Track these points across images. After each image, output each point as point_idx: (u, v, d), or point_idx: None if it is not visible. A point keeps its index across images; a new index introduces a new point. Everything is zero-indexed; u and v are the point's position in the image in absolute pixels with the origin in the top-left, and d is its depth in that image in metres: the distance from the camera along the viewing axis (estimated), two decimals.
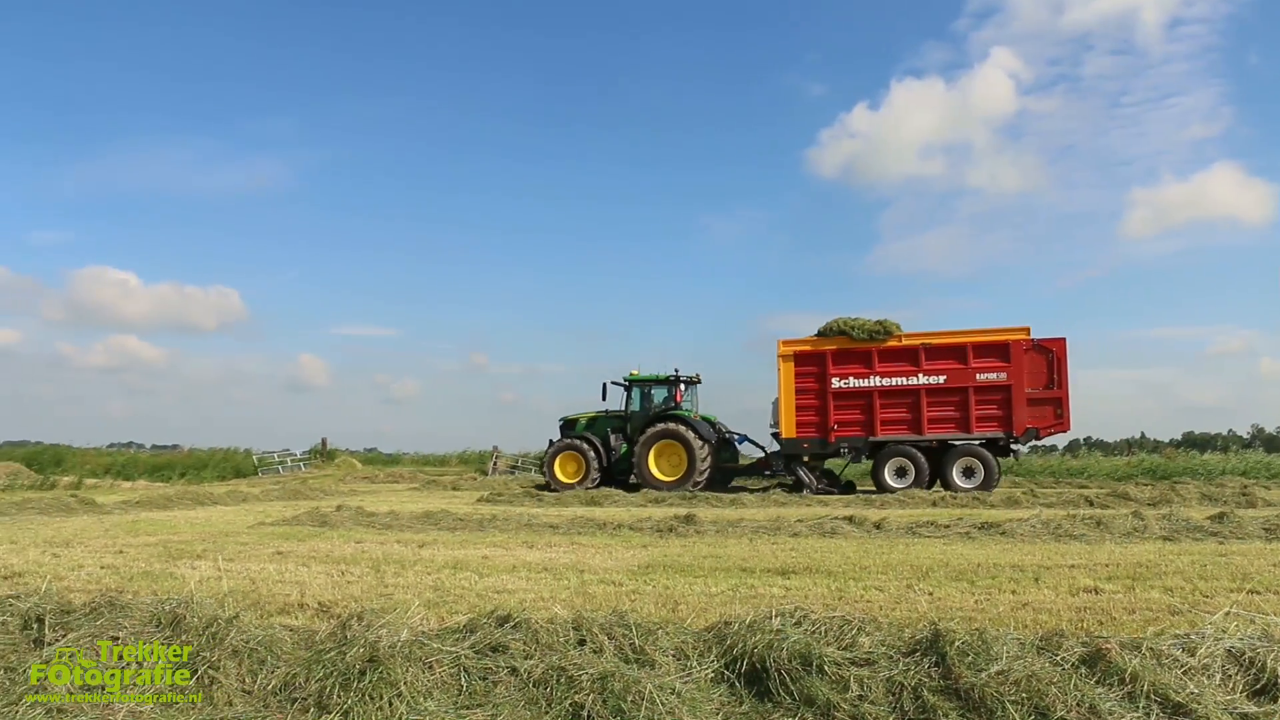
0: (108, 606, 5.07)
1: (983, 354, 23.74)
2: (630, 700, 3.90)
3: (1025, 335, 23.53)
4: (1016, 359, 23.39)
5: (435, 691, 4.10)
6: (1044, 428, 23.52)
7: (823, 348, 24.64)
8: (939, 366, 23.91)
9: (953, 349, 23.88)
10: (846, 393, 24.32)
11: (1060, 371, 23.34)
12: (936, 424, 23.84)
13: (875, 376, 24.19)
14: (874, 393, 24.13)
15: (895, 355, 24.20)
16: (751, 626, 4.58)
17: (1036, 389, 23.40)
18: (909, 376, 24.02)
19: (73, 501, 17.63)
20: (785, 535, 11.74)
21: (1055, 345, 23.46)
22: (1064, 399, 23.24)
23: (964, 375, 23.60)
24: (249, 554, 9.91)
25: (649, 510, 16.49)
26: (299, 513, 15.20)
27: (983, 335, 23.84)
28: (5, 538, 11.73)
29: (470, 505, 18.04)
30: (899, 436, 24.04)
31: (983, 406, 23.62)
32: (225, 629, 4.61)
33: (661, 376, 28.01)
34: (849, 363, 24.45)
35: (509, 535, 11.96)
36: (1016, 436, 23.32)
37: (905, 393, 24.06)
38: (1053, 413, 23.42)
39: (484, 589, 7.52)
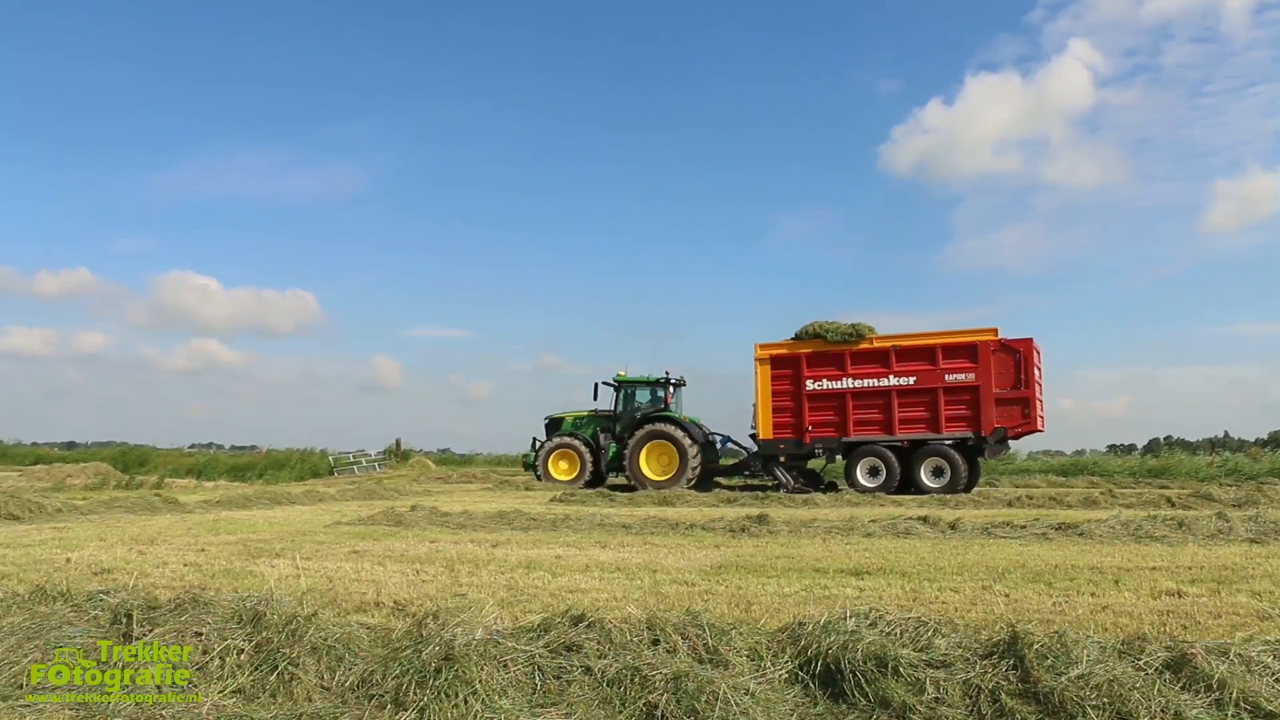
0: (191, 603, 5.18)
1: (951, 355, 24.24)
2: (704, 700, 3.89)
3: (993, 336, 23.95)
4: (984, 360, 23.82)
5: (510, 690, 4.13)
6: (1012, 428, 23.85)
7: (797, 351, 25.34)
8: (909, 368, 24.48)
9: (922, 350, 24.44)
10: (820, 394, 25.07)
11: (1028, 372, 23.74)
12: (907, 424, 24.36)
13: (848, 378, 24.88)
14: (847, 394, 24.82)
15: (867, 357, 24.82)
16: (826, 627, 4.56)
17: (1004, 389, 23.82)
18: (880, 378, 24.65)
19: (157, 501, 18.02)
20: (858, 535, 11.64)
21: (1023, 345, 23.90)
22: (1032, 399, 23.62)
23: (933, 376, 24.14)
24: (326, 553, 10.06)
25: (721, 510, 16.45)
26: (374, 512, 15.39)
27: (951, 337, 24.38)
28: (94, 535, 12.04)
29: (543, 505, 18.14)
30: (871, 437, 24.57)
31: (952, 407, 24.12)
32: (304, 626, 4.69)
33: (651, 379, 28.85)
34: (823, 365, 25.17)
35: (582, 535, 12.00)
36: (985, 437, 23.64)
37: (877, 394, 24.67)
38: (1020, 413, 23.81)
39: (557, 589, 7.56)
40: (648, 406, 28.53)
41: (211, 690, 4.29)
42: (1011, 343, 23.84)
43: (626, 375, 28.86)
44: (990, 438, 23.73)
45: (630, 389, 28.81)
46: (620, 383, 28.90)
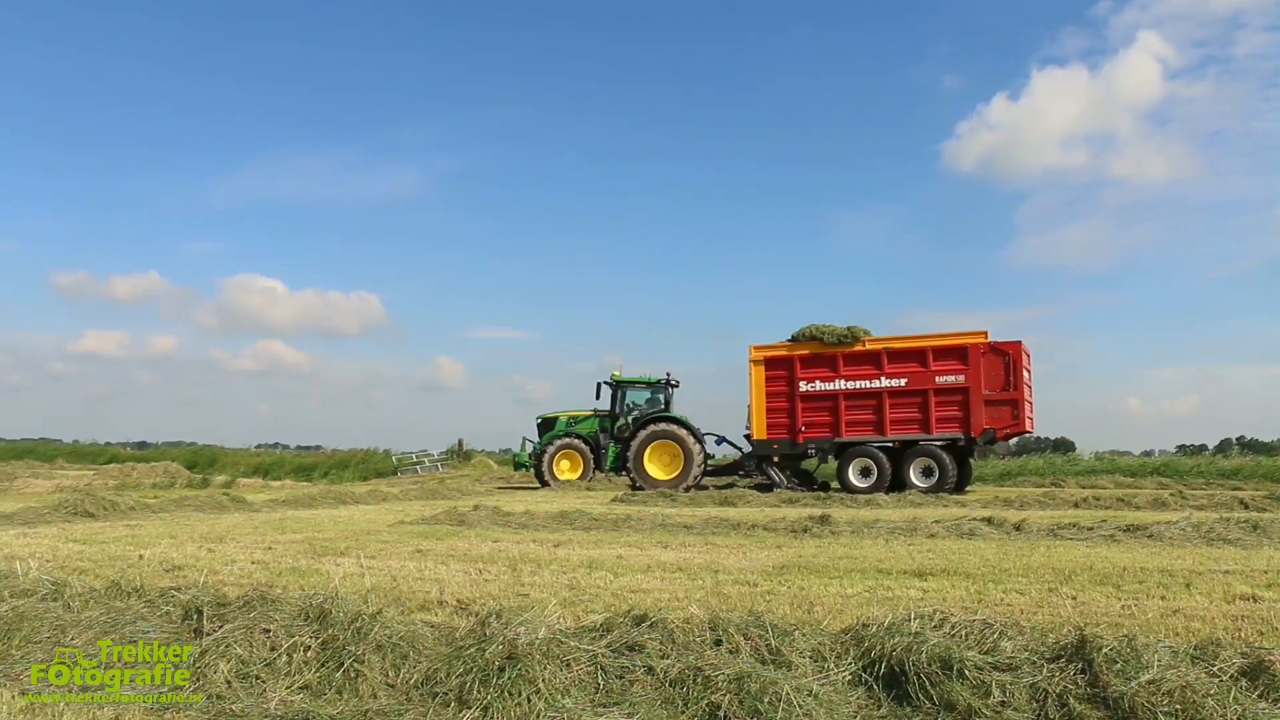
0: (259, 600, 5.28)
1: (942, 357, 24.63)
2: (767, 701, 3.88)
3: (983, 339, 24.37)
4: (974, 362, 24.19)
5: (572, 689, 4.15)
6: (1001, 428, 24.22)
7: (791, 352, 25.73)
8: (901, 369, 24.86)
9: (913, 352, 24.83)
10: (814, 395, 25.50)
11: (1016, 374, 24.12)
12: (898, 425, 24.69)
13: (841, 380, 25.28)
14: (840, 395, 25.19)
15: (860, 359, 25.24)
16: (890, 629, 4.52)
17: (994, 391, 24.18)
18: (872, 380, 25.05)
19: (225, 500, 18.30)
20: (921, 536, 11.53)
21: (1011, 348, 24.30)
22: (1020, 400, 24.02)
23: (924, 378, 24.55)
24: (390, 552, 10.16)
25: (783, 511, 16.38)
26: (437, 512, 15.52)
27: (941, 339, 24.82)
28: (165, 533, 12.27)
29: (605, 505, 18.17)
30: (863, 438, 24.91)
31: (942, 408, 24.47)
32: (369, 624, 4.75)
33: (651, 379, 29.09)
34: (816, 367, 25.58)
35: (643, 535, 12.01)
36: (974, 437, 23.99)
37: (869, 395, 25.06)
38: (1010, 414, 24.18)
39: (619, 588, 7.57)
40: (646, 407, 28.72)
41: (279, 686, 4.36)
42: (1001, 345, 24.22)
43: (621, 375, 29.01)
44: (980, 438, 24.21)
45: (629, 389, 28.97)
46: (618, 383, 28.96)
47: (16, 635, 5.13)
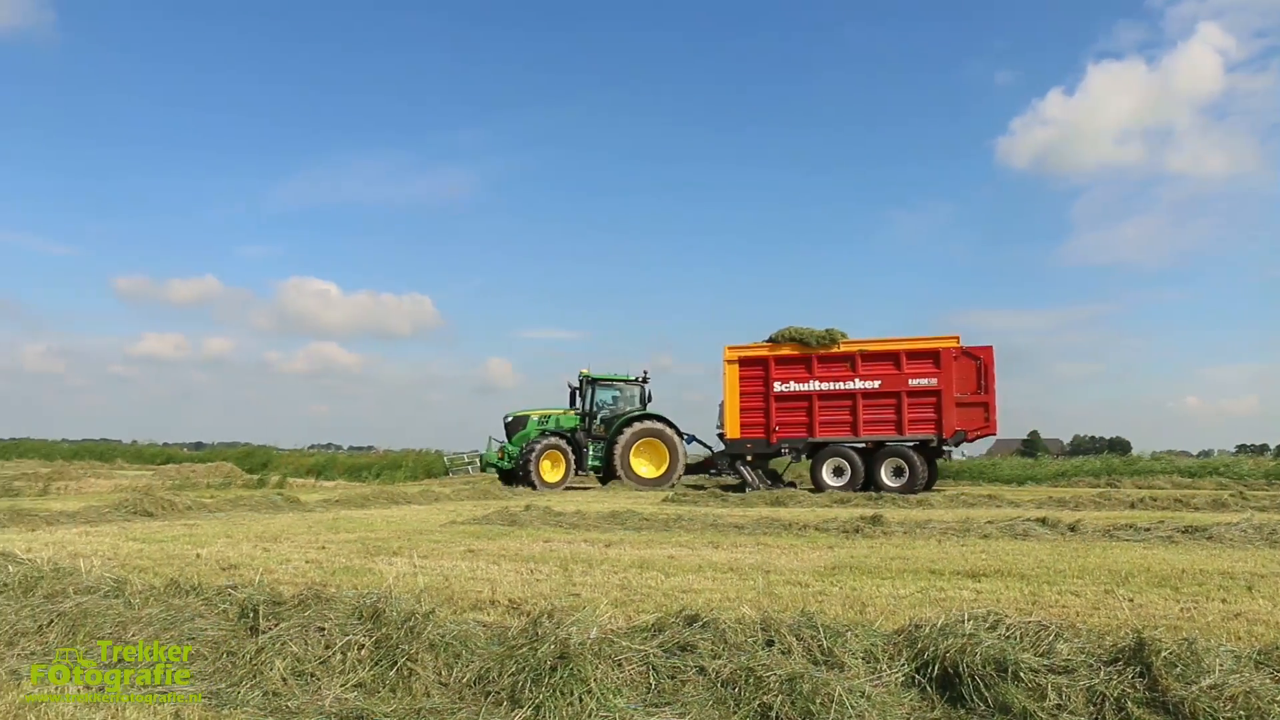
0: (314, 599, 5.33)
1: (915, 360, 25.21)
2: (819, 702, 3.87)
3: (955, 343, 25.09)
4: (946, 365, 24.89)
5: (624, 689, 4.16)
6: (972, 430, 24.98)
7: (766, 353, 26.06)
8: (874, 372, 25.43)
9: (887, 355, 25.41)
10: (788, 395, 25.88)
11: (988, 377, 24.92)
12: (872, 426, 25.25)
13: (815, 381, 25.69)
14: (814, 396, 25.62)
15: (835, 361, 25.65)
16: (943, 630, 4.48)
17: (965, 394, 24.93)
18: (846, 381, 25.52)
19: (279, 499, 18.51)
20: (974, 537, 11.43)
21: (983, 353, 25.11)
22: (991, 403, 24.82)
23: (897, 380, 25.17)
24: (442, 551, 10.23)
25: (834, 511, 16.29)
26: (489, 512, 15.60)
27: (914, 343, 25.50)
28: (221, 532, 12.44)
29: (655, 505, 18.18)
30: (836, 438, 25.42)
31: (915, 410, 25.08)
32: (422, 623, 4.78)
33: (629, 377, 29.03)
34: (791, 368, 25.96)
35: (694, 535, 12.00)
36: (946, 439, 24.70)
37: (843, 396, 25.51)
38: (982, 415, 25.03)
39: (670, 588, 7.57)
40: (623, 405, 28.51)
41: (334, 684, 4.41)
42: (973, 350, 25.01)
43: (589, 373, 28.63)
44: (951, 439, 24.95)
45: (604, 387, 28.69)
46: (593, 380, 28.62)
47: (81, 630, 5.24)
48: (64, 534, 12.12)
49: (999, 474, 32.15)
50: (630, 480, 26.54)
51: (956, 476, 32.52)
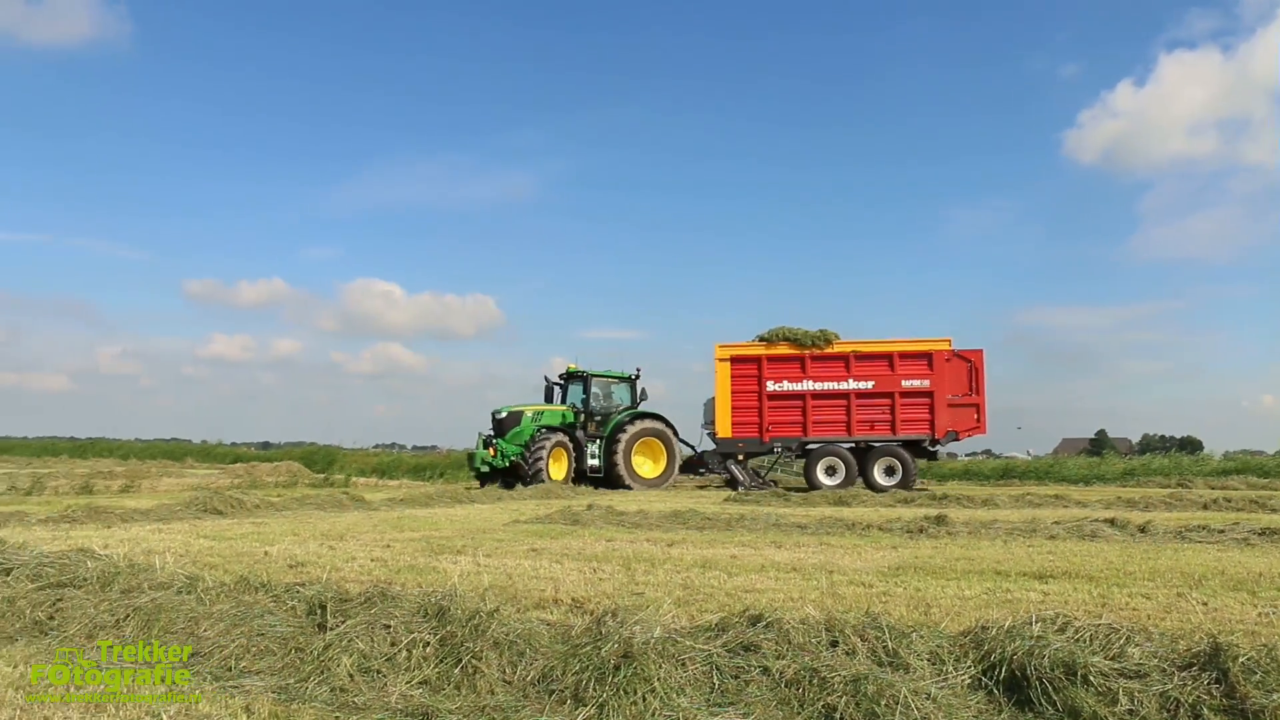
0: (380, 597, 5.40)
1: (908, 361, 25.66)
2: (884, 704, 3.84)
3: (947, 346, 25.67)
4: (939, 367, 25.41)
5: (688, 688, 4.16)
6: (963, 430, 25.58)
7: (759, 352, 26.21)
8: (868, 372, 25.74)
9: (880, 356, 25.78)
10: (781, 395, 26.03)
11: (979, 379, 25.57)
12: (865, 425, 25.59)
13: (809, 380, 25.88)
14: (807, 395, 25.81)
15: (828, 361, 25.90)
16: (1010, 632, 4.42)
17: (957, 395, 25.58)
18: (840, 381, 25.81)
19: (345, 498, 18.71)
20: (1041, 538, 11.26)
21: (974, 355, 25.72)
22: (981, 404, 25.48)
23: (891, 381, 25.57)
24: (505, 550, 10.28)
25: (898, 511, 16.15)
26: (551, 511, 15.67)
27: (908, 345, 25.86)
28: (289, 530, 12.62)
29: (718, 505, 18.14)
30: (830, 437, 25.73)
31: (907, 410, 25.48)
32: (486, 621, 4.81)
33: (624, 374, 28.40)
34: (784, 367, 26.10)
35: (757, 535, 11.96)
36: (938, 439, 25.22)
37: (836, 396, 25.77)
38: (972, 416, 25.67)
39: (733, 588, 7.55)
40: (617, 402, 27.88)
41: (399, 680, 4.45)
42: (965, 352, 25.64)
43: (578, 368, 27.89)
44: (943, 440, 25.47)
45: (603, 384, 27.90)
46: (588, 376, 27.78)
47: (156, 625, 5.36)
48: (138, 531, 12.37)
49: (1065, 473, 31.66)
50: (631, 480, 26.06)
51: (1022, 476, 32.11)
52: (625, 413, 27.37)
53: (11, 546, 7.66)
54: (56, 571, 6.62)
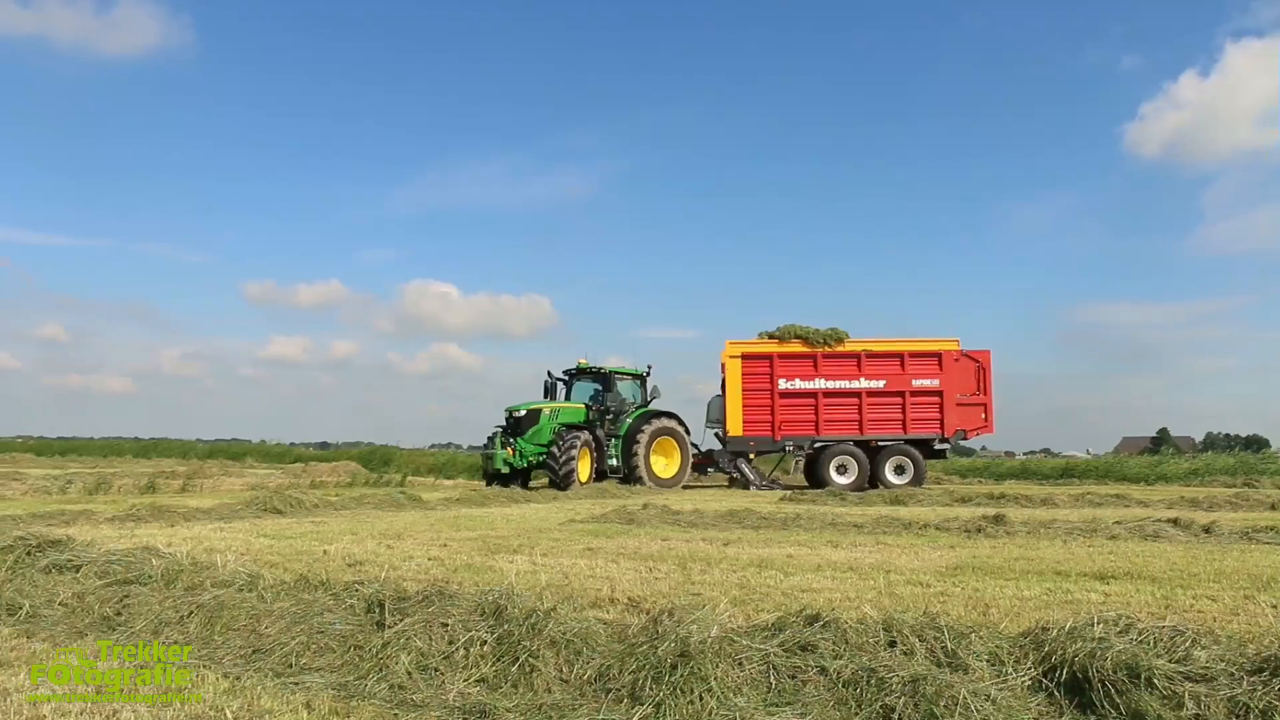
0: (437, 595, 5.44)
1: (917, 361, 25.97)
2: (943, 705, 3.80)
3: (955, 346, 26.20)
4: (948, 367, 25.79)
5: (745, 688, 4.15)
6: (971, 429, 26.09)
7: (770, 350, 26.25)
8: (879, 371, 26.00)
9: (891, 356, 26.06)
10: (793, 394, 26.09)
11: (986, 379, 26.17)
12: (876, 424, 25.85)
13: (820, 379, 26.01)
14: (819, 394, 25.93)
15: (839, 360, 26.08)
16: (1071, 633, 4.36)
17: (965, 394, 26.07)
18: (852, 380, 26.02)
19: (402, 498, 18.85)
20: (1101, 538, 11.10)
21: (981, 356, 26.32)
22: (988, 403, 26.15)
23: (901, 380, 25.86)
24: (561, 549, 10.32)
25: (955, 510, 16.00)
26: (607, 511, 15.70)
27: (918, 345, 26.17)
28: (347, 529, 12.76)
29: (773, 504, 18.08)
30: (842, 436, 25.86)
31: (917, 409, 25.81)
32: (543, 620, 4.84)
33: (636, 370, 28.00)
34: (795, 365, 26.18)
35: (813, 534, 11.90)
36: (947, 437, 25.68)
37: (848, 394, 25.99)
38: (980, 415, 26.24)
39: (789, 588, 7.52)
40: (631, 400, 27.29)
41: (457, 679, 4.49)
42: (973, 353, 26.23)
43: (588, 363, 27.08)
44: (952, 438, 26.01)
45: (617, 381, 27.07)
46: (608, 374, 27.05)
47: (218, 622, 5.45)
48: (200, 529, 12.57)
49: (1126, 472, 31.15)
50: (650, 481, 25.48)
51: (1082, 475, 31.64)
52: (639, 411, 26.96)
53: (80, 544, 7.82)
54: (123, 569, 6.77)
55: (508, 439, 25.01)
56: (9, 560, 7.24)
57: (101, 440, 60.29)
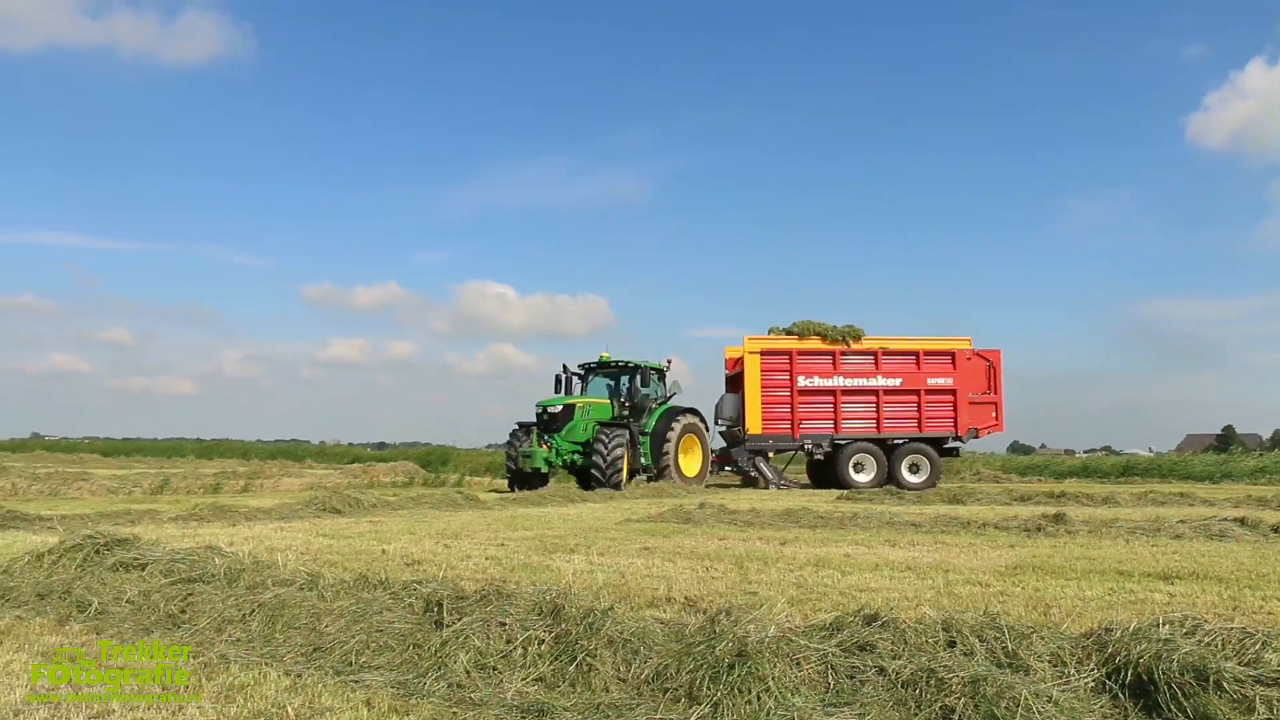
0: (495, 594, 5.47)
1: (932, 359, 25.84)
2: (1004, 706, 3.75)
3: (968, 345, 26.24)
4: (961, 366, 25.71)
5: (802, 688, 4.12)
6: (983, 427, 26.03)
7: (790, 346, 25.86)
8: (895, 369, 25.79)
9: (908, 354, 25.90)
10: (813, 391, 25.74)
11: (996, 378, 26.32)
12: (894, 422, 25.62)
13: (839, 376, 25.68)
14: (838, 391, 25.62)
15: (857, 357, 25.82)
16: (1136, 634, 4.28)
17: (977, 393, 26.10)
18: (870, 378, 25.77)
19: (459, 497, 18.98)
20: (1165, 537, 10.91)
21: (992, 355, 26.42)
22: (999, 402, 26.32)
23: (917, 379, 25.67)
24: (617, 549, 10.33)
25: (1014, 509, 15.82)
26: (663, 510, 15.69)
27: (932, 343, 26.11)
28: (405, 529, 12.87)
29: (830, 503, 17.97)
30: (860, 434, 25.56)
31: (932, 408, 25.61)
32: (601, 619, 4.84)
33: (656, 364, 26.83)
34: (814, 362, 25.84)
35: (870, 533, 11.82)
36: (960, 436, 25.53)
37: (866, 393, 25.75)
38: (991, 414, 26.34)
39: (847, 587, 7.48)
40: (655, 396, 26.07)
41: (515, 677, 4.50)
42: (984, 352, 26.26)
43: (610, 357, 25.80)
44: (965, 437, 25.83)
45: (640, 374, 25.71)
46: (641, 368, 25.78)
47: (279, 620, 5.52)
48: (261, 529, 12.75)
49: (1190, 471, 30.61)
50: (679, 479, 24.38)
51: (1144, 474, 31.14)
52: (664, 408, 25.96)
53: (146, 543, 7.95)
54: (187, 567, 6.88)
55: (544, 436, 23.87)
56: (78, 558, 7.40)
57: (164, 441, 61.63)
